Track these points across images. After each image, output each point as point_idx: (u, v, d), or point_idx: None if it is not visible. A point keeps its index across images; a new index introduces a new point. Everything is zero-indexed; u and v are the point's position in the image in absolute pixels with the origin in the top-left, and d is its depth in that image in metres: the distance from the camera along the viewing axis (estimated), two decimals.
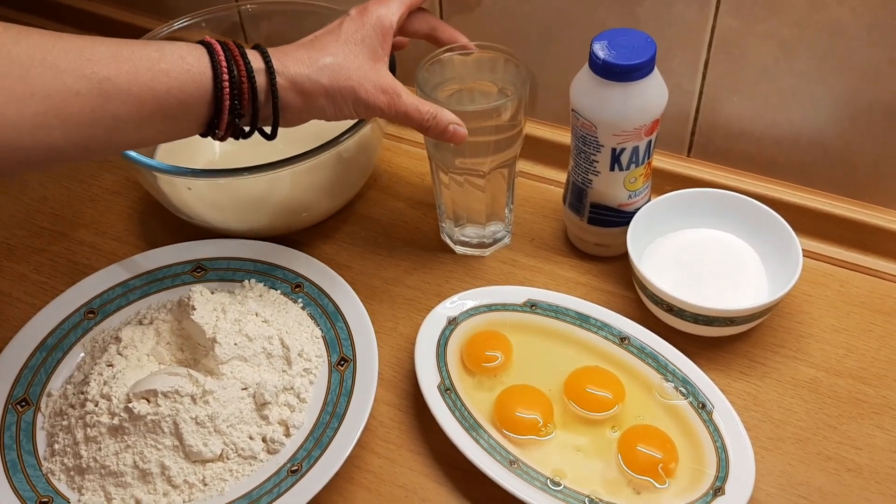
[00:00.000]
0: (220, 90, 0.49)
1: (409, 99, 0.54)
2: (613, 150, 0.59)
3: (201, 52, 0.49)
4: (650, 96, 0.57)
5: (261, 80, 0.50)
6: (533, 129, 0.74)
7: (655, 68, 0.57)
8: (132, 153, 0.63)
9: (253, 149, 0.61)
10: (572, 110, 0.60)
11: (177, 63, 0.47)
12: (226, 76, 0.49)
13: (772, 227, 0.61)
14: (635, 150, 0.59)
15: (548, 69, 0.71)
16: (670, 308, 0.58)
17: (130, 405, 0.52)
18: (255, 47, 0.52)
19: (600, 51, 0.56)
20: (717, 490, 0.50)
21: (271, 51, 0.52)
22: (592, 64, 0.57)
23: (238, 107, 0.50)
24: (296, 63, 0.51)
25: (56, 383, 0.58)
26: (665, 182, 0.69)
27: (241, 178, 0.61)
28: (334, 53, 0.52)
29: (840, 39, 0.58)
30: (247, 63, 0.50)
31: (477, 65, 0.61)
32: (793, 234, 0.60)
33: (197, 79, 0.48)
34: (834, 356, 0.60)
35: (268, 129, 0.53)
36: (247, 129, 0.52)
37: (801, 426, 0.56)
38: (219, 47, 0.49)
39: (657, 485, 0.51)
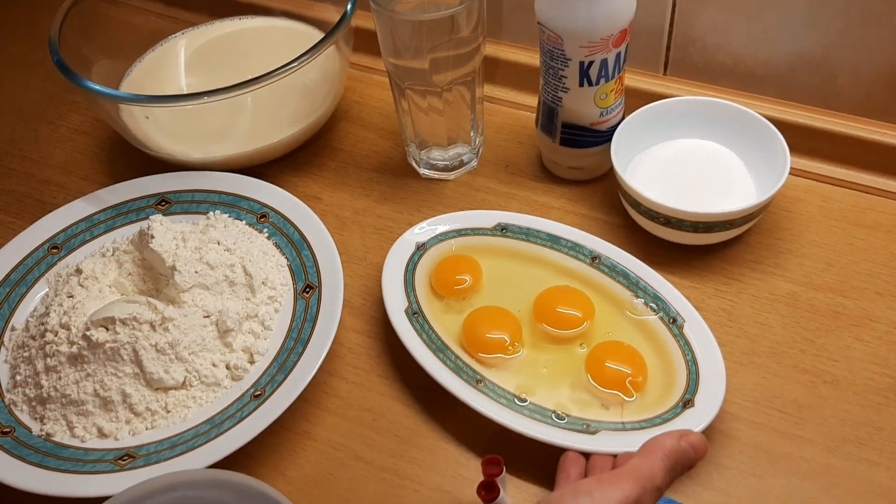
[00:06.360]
0: None
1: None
2: (581, 63, 0.57)
3: None
4: (616, 3, 0.55)
5: None
6: (507, 52, 0.72)
7: None
8: (91, 83, 0.61)
9: (220, 79, 0.59)
10: (538, 23, 0.57)
11: None
12: None
13: (755, 130, 0.60)
14: (604, 62, 0.57)
15: None
16: (668, 221, 0.56)
17: (88, 333, 0.51)
18: None
19: None
20: (687, 402, 0.49)
21: None
22: None
23: None
24: None
25: (20, 318, 0.58)
26: (642, 102, 0.66)
27: (201, 105, 0.59)
28: None
29: None
30: None
31: None
32: (777, 133, 0.58)
33: None
34: (813, 271, 0.58)
35: None
36: None
37: (777, 340, 0.55)
38: None
39: (625, 398, 0.50)
